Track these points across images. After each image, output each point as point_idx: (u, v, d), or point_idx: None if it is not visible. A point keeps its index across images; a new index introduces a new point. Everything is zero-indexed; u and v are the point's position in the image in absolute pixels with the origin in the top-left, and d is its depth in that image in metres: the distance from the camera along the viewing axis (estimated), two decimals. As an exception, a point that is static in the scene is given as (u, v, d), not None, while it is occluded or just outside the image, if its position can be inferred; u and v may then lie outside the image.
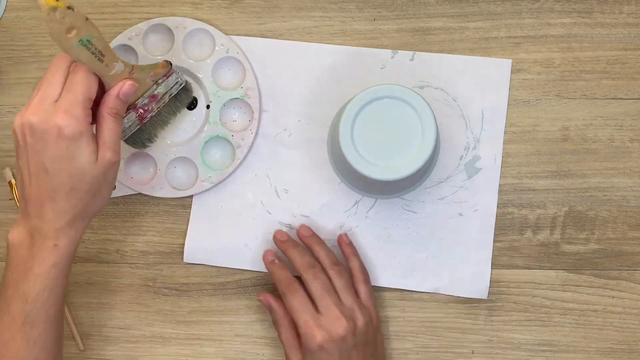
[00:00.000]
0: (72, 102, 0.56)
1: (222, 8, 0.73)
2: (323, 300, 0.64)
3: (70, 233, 0.59)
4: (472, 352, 0.72)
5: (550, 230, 0.71)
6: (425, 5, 0.72)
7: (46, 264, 0.58)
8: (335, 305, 0.64)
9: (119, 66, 0.60)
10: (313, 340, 0.63)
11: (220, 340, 0.73)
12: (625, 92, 0.71)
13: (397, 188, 0.70)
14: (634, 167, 0.71)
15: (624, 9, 0.71)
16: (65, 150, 0.56)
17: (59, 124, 0.56)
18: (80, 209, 0.59)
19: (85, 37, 0.56)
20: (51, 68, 0.58)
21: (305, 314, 0.64)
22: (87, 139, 0.57)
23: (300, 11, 0.72)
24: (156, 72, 0.64)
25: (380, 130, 0.64)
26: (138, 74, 0.62)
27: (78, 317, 0.73)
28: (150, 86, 0.64)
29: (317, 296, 0.65)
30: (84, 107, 0.57)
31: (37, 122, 0.56)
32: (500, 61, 0.71)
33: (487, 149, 0.71)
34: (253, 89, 0.71)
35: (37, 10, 0.73)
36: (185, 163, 0.72)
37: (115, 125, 0.59)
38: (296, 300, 0.65)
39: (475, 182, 0.71)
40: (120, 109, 0.60)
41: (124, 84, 0.60)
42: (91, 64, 0.57)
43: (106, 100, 0.59)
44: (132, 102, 0.63)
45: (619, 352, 0.71)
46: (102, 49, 0.57)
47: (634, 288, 0.71)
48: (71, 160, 0.57)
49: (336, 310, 0.64)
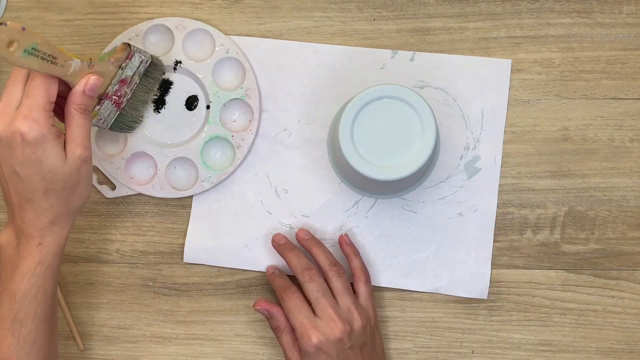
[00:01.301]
0: (32, 106, 0.57)
1: (222, 8, 0.73)
2: (319, 302, 0.64)
3: (54, 230, 0.60)
4: (472, 352, 0.72)
5: (550, 230, 0.71)
6: (425, 6, 0.72)
7: (32, 262, 0.59)
8: (332, 307, 0.64)
9: (75, 63, 0.59)
10: (309, 341, 0.63)
11: (220, 340, 0.73)
12: (625, 92, 0.71)
13: (397, 188, 0.70)
14: (633, 167, 0.71)
15: (624, 9, 0.71)
16: (32, 155, 0.57)
17: (21, 130, 0.56)
18: (60, 208, 0.60)
19: (28, 46, 0.55)
20: (10, 77, 0.59)
21: (302, 316, 0.64)
22: (52, 141, 0.57)
23: (300, 11, 0.72)
24: (116, 57, 0.64)
25: (380, 130, 0.64)
26: (99, 65, 0.62)
27: (78, 317, 0.73)
28: (116, 72, 0.64)
29: (313, 298, 0.65)
30: (44, 110, 0.57)
31: (0, 130, 0.57)
32: (500, 61, 0.71)
33: (487, 149, 0.71)
34: (253, 89, 0.71)
35: (37, 10, 0.73)
36: (185, 163, 0.72)
37: (83, 121, 0.60)
38: (292, 302, 0.65)
39: (475, 182, 0.71)
40: (87, 104, 0.60)
41: (88, 79, 0.60)
42: (45, 68, 0.57)
43: (72, 97, 0.60)
44: (102, 92, 0.64)
45: (619, 352, 0.71)
46: (51, 52, 0.57)
47: (634, 288, 0.71)
48: (40, 163, 0.57)
49: (332, 312, 0.64)
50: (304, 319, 0.64)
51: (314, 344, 0.63)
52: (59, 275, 0.74)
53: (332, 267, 0.67)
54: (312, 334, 0.63)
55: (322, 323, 0.64)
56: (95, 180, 0.73)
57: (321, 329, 0.63)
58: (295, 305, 0.65)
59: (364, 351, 0.65)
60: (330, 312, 0.64)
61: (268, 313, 0.67)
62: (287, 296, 0.66)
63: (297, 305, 0.65)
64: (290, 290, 0.66)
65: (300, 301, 0.65)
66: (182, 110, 0.72)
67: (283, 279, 0.69)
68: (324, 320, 0.64)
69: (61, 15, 0.74)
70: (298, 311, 0.64)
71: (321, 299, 0.64)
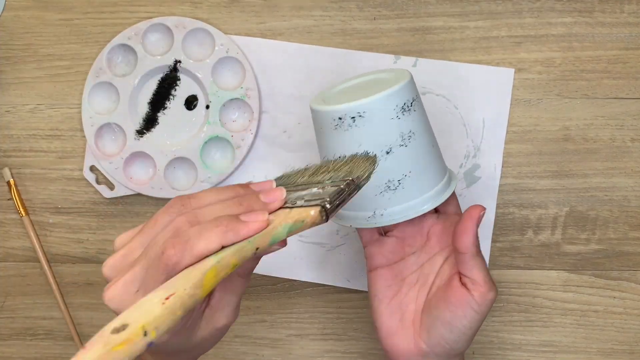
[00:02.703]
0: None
1: (221, 7, 0.72)
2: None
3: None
4: (472, 352, 0.71)
5: (551, 231, 0.71)
6: (426, 5, 0.71)
7: None
8: None
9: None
10: None
11: (219, 341, 0.72)
12: (627, 92, 0.71)
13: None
14: (635, 167, 0.71)
15: (625, 8, 0.71)
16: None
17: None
18: None
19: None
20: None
21: None
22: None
23: (300, 10, 0.72)
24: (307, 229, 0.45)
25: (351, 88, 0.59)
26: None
27: (78, 317, 0.73)
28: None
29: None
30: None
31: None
32: (503, 70, 0.71)
33: (487, 157, 0.70)
34: (253, 90, 0.71)
35: (36, 10, 0.73)
36: (184, 163, 0.71)
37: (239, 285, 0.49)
38: None
39: (474, 191, 0.71)
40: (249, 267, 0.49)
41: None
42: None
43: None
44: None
45: (620, 353, 0.71)
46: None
47: (635, 288, 0.71)
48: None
49: None
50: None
51: None
52: (58, 276, 0.74)
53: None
54: None
55: None
56: (94, 180, 0.73)
57: None
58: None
59: None
60: None
61: None
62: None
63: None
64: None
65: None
66: (181, 110, 0.72)
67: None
68: None
69: (60, 14, 0.73)
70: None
71: None
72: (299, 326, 0.73)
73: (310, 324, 0.73)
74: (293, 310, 0.73)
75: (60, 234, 0.74)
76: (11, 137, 0.74)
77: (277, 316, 0.73)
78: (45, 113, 0.74)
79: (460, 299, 0.54)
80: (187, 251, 0.41)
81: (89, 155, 0.73)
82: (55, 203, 0.74)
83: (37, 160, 0.74)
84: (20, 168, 0.74)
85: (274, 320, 0.73)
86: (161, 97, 0.72)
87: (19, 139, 0.74)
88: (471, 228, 0.54)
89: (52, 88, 0.74)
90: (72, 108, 0.74)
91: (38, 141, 0.74)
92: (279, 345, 0.73)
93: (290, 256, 0.72)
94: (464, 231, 0.54)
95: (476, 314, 0.54)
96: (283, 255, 0.71)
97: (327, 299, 0.73)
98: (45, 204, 0.74)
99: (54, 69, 0.74)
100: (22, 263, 0.75)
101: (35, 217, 0.74)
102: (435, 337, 0.55)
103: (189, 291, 0.38)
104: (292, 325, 0.73)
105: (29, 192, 0.74)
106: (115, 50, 0.72)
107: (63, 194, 0.74)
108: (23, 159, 0.74)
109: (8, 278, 0.75)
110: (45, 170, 0.74)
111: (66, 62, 0.74)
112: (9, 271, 0.75)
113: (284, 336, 0.73)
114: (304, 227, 0.44)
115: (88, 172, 0.73)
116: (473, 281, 0.54)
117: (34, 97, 0.74)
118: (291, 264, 0.72)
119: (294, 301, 0.73)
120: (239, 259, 0.42)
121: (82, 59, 0.73)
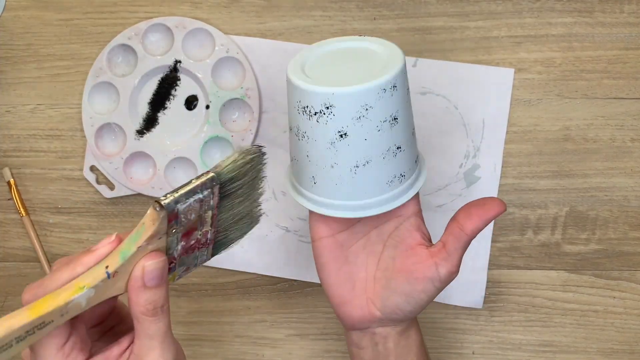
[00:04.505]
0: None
1: (221, 7, 0.72)
2: None
3: None
4: (472, 352, 0.72)
5: (551, 231, 0.71)
6: (426, 5, 0.71)
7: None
8: None
9: (84, 295, 0.41)
10: None
11: (219, 341, 0.73)
12: (627, 92, 0.71)
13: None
14: (635, 167, 0.71)
15: (625, 8, 0.71)
16: None
17: None
18: None
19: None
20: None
21: None
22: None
23: (300, 10, 0.72)
24: (149, 236, 0.42)
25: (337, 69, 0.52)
26: (134, 254, 0.42)
27: (77, 318, 0.73)
28: (166, 241, 0.43)
29: None
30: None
31: None
32: (503, 70, 0.71)
33: (486, 157, 0.71)
34: (253, 89, 0.71)
35: (36, 10, 0.73)
36: (184, 163, 0.71)
37: (157, 322, 0.44)
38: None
39: (474, 191, 0.71)
40: (156, 299, 0.44)
41: (140, 273, 0.43)
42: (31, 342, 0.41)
43: (131, 300, 0.43)
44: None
45: (620, 353, 0.71)
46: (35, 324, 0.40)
47: (635, 288, 0.71)
48: None
49: None
50: None
51: None
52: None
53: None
54: None
55: None
56: (94, 180, 0.73)
57: None
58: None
59: None
60: None
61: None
62: None
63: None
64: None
65: None
66: (181, 110, 0.72)
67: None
68: None
69: (60, 14, 0.73)
70: None
71: None
72: (299, 326, 0.73)
73: (310, 324, 0.73)
74: (293, 310, 0.73)
75: (60, 234, 0.74)
76: (11, 137, 0.74)
77: (277, 316, 0.73)
78: (45, 113, 0.74)
79: (425, 274, 0.53)
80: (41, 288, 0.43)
81: (89, 155, 0.73)
82: (56, 203, 0.74)
83: (37, 160, 0.74)
84: (21, 168, 0.74)
85: (274, 320, 0.73)
86: (161, 97, 0.72)
87: (19, 139, 0.74)
88: (488, 219, 0.53)
89: (52, 88, 0.74)
90: (72, 108, 0.74)
91: (38, 141, 0.74)
92: (279, 345, 0.73)
93: (290, 256, 0.72)
94: (479, 218, 0.53)
95: (436, 290, 0.53)
96: (283, 255, 0.72)
97: (327, 299, 0.73)
98: (45, 204, 0.74)
99: (54, 69, 0.74)
100: (22, 263, 0.75)
101: (35, 217, 0.74)
102: (391, 306, 0.54)
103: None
104: (292, 325, 0.73)
105: (29, 192, 0.74)
106: (115, 50, 0.72)
107: (63, 194, 0.74)
108: (23, 159, 0.74)
109: (8, 278, 0.75)
110: (45, 170, 0.74)
111: (66, 62, 0.74)
112: (9, 271, 0.75)
113: (284, 336, 0.73)
114: (147, 230, 0.41)
115: (88, 172, 0.73)
116: (448, 259, 0.52)
117: (34, 97, 0.74)
118: (291, 264, 0.72)
119: (294, 301, 0.73)
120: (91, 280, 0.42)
121: (82, 59, 0.73)
